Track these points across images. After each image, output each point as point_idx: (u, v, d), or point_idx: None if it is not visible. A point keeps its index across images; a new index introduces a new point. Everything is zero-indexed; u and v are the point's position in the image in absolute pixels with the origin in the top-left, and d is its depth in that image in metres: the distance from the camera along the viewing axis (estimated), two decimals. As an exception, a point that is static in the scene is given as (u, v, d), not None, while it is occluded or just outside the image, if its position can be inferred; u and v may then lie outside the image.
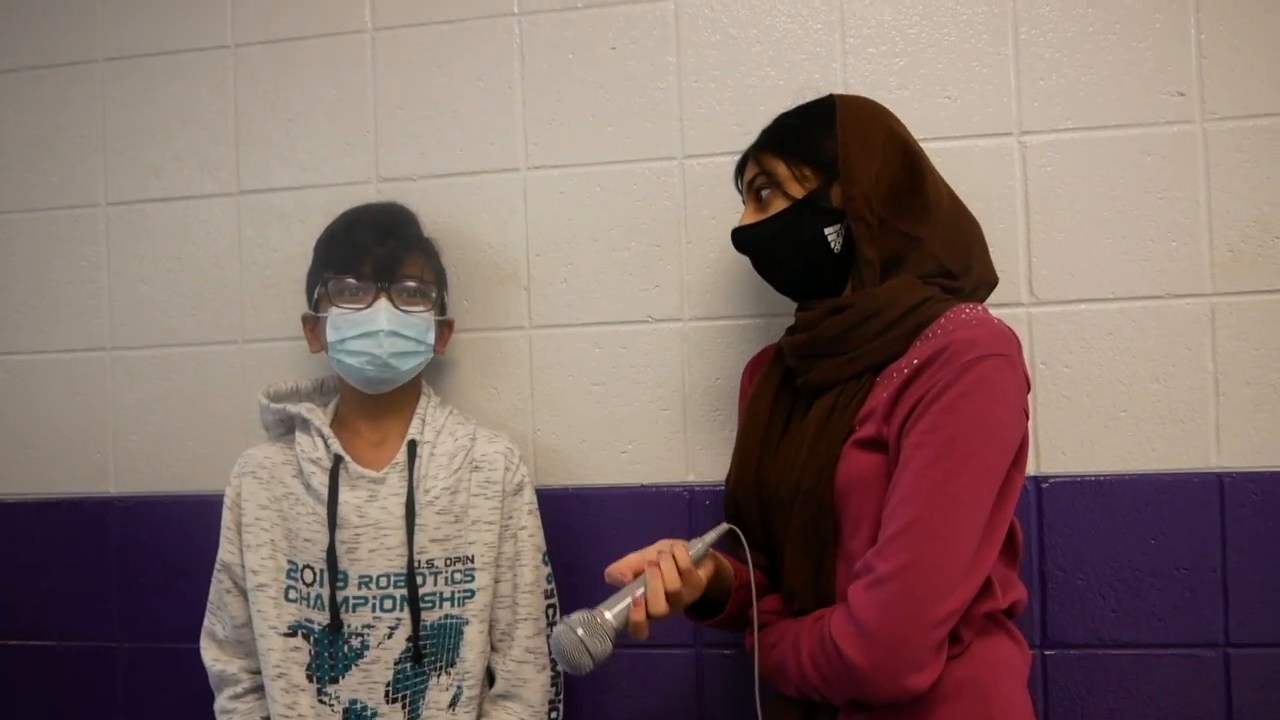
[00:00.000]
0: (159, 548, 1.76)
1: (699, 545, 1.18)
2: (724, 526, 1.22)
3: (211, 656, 1.49)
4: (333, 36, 1.73)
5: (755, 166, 1.31)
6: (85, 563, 1.78)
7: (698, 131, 1.63)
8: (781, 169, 1.27)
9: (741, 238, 1.34)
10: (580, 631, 1.08)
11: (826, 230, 1.25)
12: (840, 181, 1.24)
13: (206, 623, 1.51)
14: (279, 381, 1.55)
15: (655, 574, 1.13)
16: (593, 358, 1.66)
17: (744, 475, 1.29)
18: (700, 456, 1.62)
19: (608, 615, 1.10)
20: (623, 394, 1.65)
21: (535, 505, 1.55)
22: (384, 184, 1.71)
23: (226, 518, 1.50)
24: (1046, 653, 1.52)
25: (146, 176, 1.79)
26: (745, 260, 1.59)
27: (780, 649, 1.19)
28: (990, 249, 1.44)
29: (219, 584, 1.49)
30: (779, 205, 1.28)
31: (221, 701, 1.49)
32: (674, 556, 1.15)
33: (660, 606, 1.12)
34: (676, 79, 1.64)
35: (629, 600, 1.12)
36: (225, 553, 1.49)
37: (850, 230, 1.23)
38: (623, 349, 1.65)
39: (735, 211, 1.59)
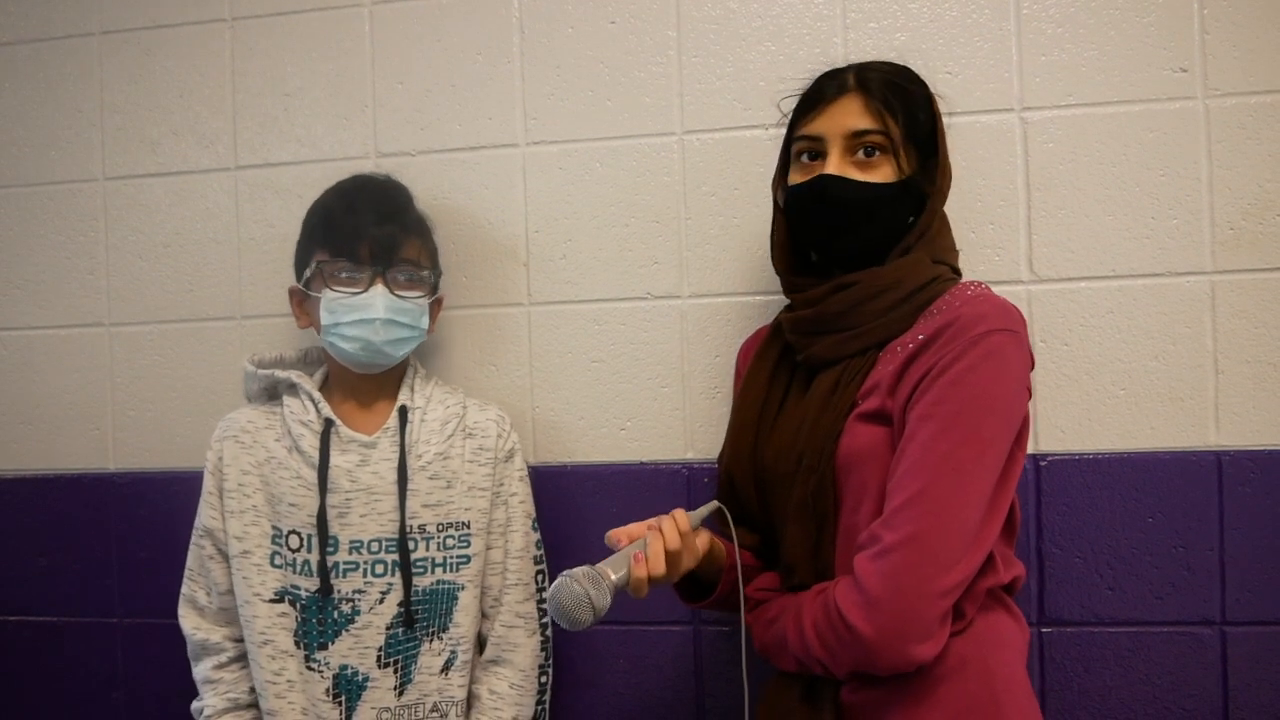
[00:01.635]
0: (158, 523, 1.75)
1: (692, 517, 1.19)
2: (714, 504, 1.23)
3: (191, 625, 1.47)
4: (330, 10, 1.72)
5: (873, 118, 1.21)
6: (84, 538, 1.78)
7: (697, 107, 1.62)
8: (899, 137, 1.22)
9: (838, 190, 1.21)
10: (584, 584, 1.06)
11: (910, 218, 1.25)
12: (937, 173, 1.25)
13: (185, 590, 1.48)
14: (263, 350, 1.55)
15: (656, 536, 1.13)
16: (592, 334, 1.65)
17: (740, 451, 1.29)
18: (699, 434, 1.62)
19: (609, 571, 1.08)
20: (621, 371, 1.64)
21: (525, 472, 1.56)
22: (382, 159, 1.70)
23: (208, 483, 1.48)
24: (1044, 630, 1.52)
25: (143, 151, 1.79)
26: (746, 237, 1.59)
27: (780, 623, 1.19)
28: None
29: (200, 550, 1.47)
30: (887, 175, 1.22)
31: (205, 671, 1.46)
32: (674, 519, 1.15)
33: (659, 567, 1.11)
34: (676, 54, 1.63)
35: (629, 556, 1.11)
36: (207, 518, 1.47)
37: (918, 221, 1.24)
38: (622, 326, 1.65)
39: (735, 188, 1.60)
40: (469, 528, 1.46)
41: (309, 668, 1.41)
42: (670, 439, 1.63)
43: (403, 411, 1.48)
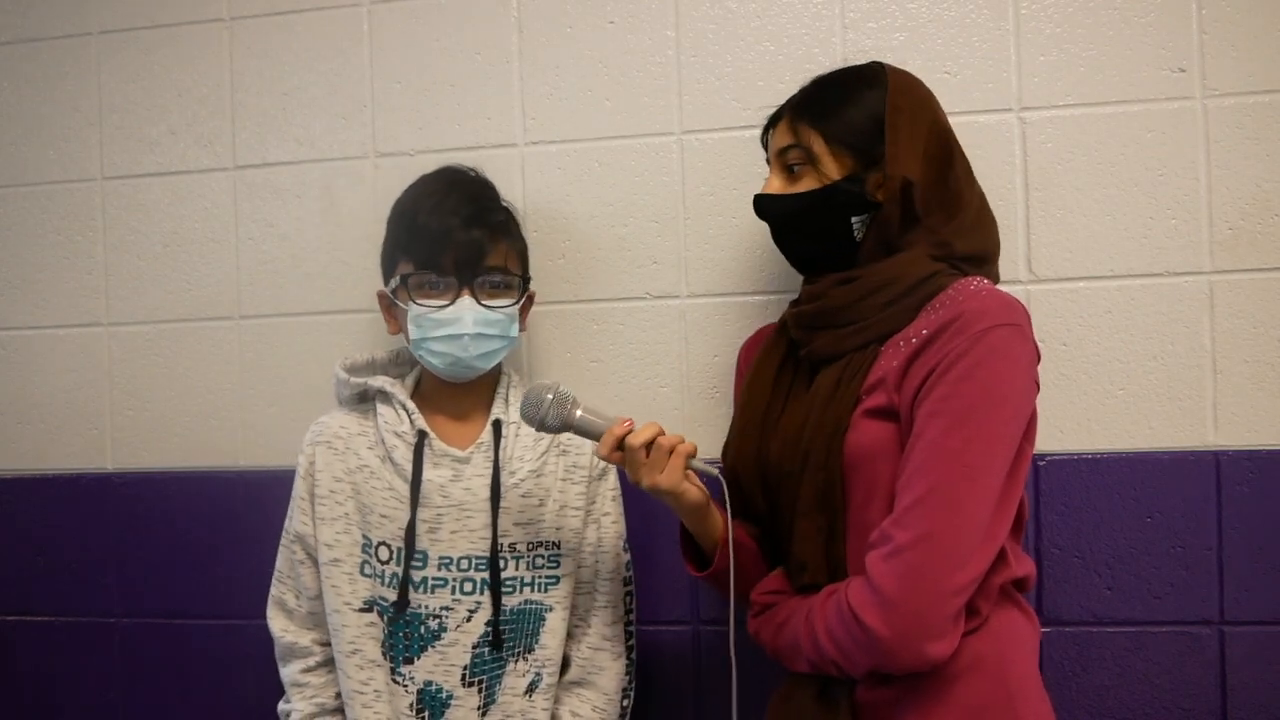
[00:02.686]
0: (156, 523, 1.76)
1: (693, 461, 1.25)
2: (717, 470, 1.26)
3: (280, 627, 1.43)
4: (329, 10, 1.72)
5: (790, 135, 1.26)
6: (82, 538, 1.78)
7: (696, 107, 1.62)
8: (819, 146, 1.24)
9: (765, 207, 1.30)
10: (552, 394, 1.25)
11: (854, 219, 1.24)
12: (882, 174, 1.21)
13: (275, 592, 1.45)
14: (354, 354, 1.49)
15: (655, 424, 1.23)
16: (591, 334, 1.65)
17: (745, 448, 1.29)
18: (699, 434, 1.60)
19: (581, 408, 1.26)
20: (620, 371, 1.64)
21: (619, 491, 1.50)
22: (380, 158, 1.70)
23: (300, 487, 1.44)
24: (1042, 630, 1.51)
25: (142, 151, 1.78)
26: (745, 237, 1.59)
27: (791, 626, 1.19)
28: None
29: (291, 554, 1.44)
30: (810, 183, 1.25)
31: (293, 674, 1.42)
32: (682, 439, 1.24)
33: (637, 439, 1.21)
34: (675, 54, 1.63)
35: (619, 420, 1.24)
36: (299, 523, 1.43)
37: (875, 218, 1.23)
38: (621, 326, 1.65)
39: (733, 188, 1.60)
40: (559, 548, 1.42)
41: (394, 681, 1.38)
42: (669, 439, 1.63)
43: (496, 425, 1.43)
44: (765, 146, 1.36)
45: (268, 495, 1.70)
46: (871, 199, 1.22)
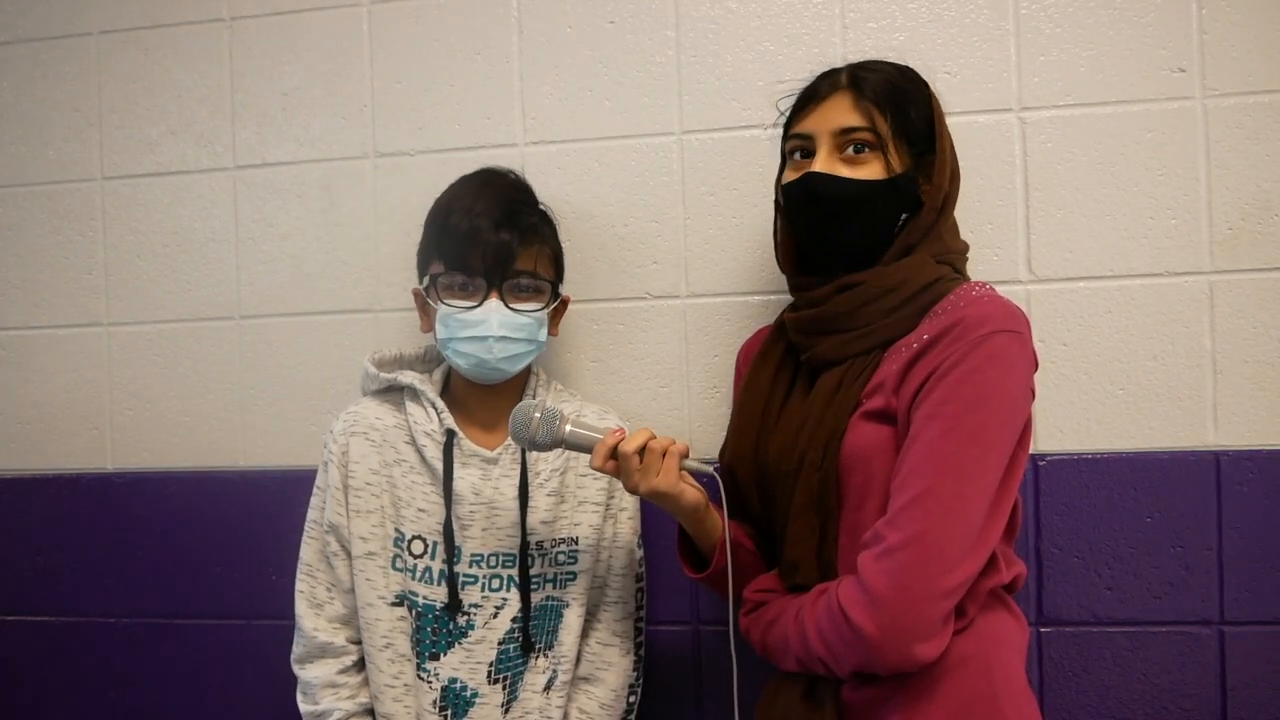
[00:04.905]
0: (156, 523, 1.76)
1: (687, 461, 1.25)
2: (712, 469, 1.26)
3: (312, 625, 1.40)
4: (329, 9, 1.72)
5: (860, 115, 1.22)
6: (82, 538, 1.78)
7: (696, 107, 1.62)
8: (890, 134, 1.22)
9: (822, 187, 1.22)
10: (541, 412, 1.25)
11: (903, 215, 1.24)
12: (933, 173, 1.24)
13: (304, 587, 1.42)
14: (383, 348, 1.50)
15: (646, 430, 1.23)
16: (591, 334, 1.65)
17: (742, 449, 1.29)
18: (699, 434, 1.62)
19: (570, 422, 1.25)
20: (620, 371, 1.64)
21: None
22: (380, 158, 1.70)
23: (333, 476, 1.42)
24: (1042, 630, 1.52)
25: (142, 151, 1.78)
26: (745, 237, 1.59)
27: (781, 623, 1.19)
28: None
29: (324, 546, 1.42)
30: (876, 171, 1.22)
31: (327, 675, 1.39)
32: (674, 441, 1.24)
33: (632, 445, 1.21)
34: (675, 53, 1.63)
35: (610, 430, 1.24)
36: (333, 514, 1.41)
37: (912, 219, 1.23)
38: (621, 326, 1.65)
39: (733, 188, 1.60)
40: (577, 543, 1.43)
41: (419, 676, 1.38)
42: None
43: None
44: (787, 127, 1.30)
45: (268, 495, 1.70)
46: (920, 200, 1.24)
